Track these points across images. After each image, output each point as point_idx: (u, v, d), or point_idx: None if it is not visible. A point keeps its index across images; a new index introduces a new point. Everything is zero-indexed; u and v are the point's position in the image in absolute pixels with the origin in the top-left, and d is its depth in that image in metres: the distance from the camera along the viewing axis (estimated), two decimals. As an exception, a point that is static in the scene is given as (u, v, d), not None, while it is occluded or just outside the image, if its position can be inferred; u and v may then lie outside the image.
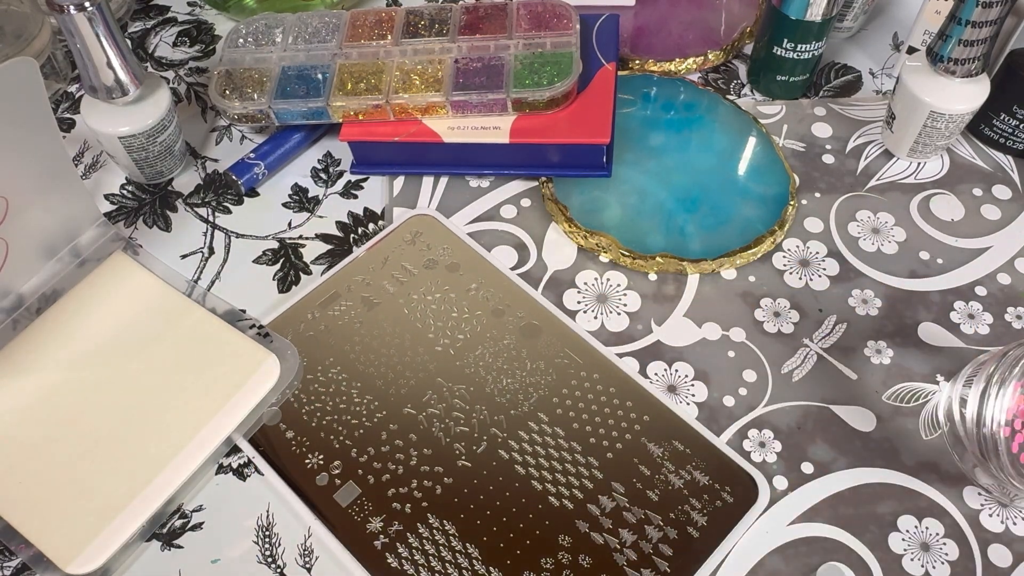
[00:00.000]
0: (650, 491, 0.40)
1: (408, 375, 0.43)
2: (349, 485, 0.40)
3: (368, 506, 0.40)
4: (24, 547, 0.38)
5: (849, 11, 0.58)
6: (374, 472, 0.40)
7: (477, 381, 0.43)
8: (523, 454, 0.41)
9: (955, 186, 0.52)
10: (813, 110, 0.56)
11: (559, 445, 0.41)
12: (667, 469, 0.41)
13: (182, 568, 0.38)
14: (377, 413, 0.42)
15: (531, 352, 0.44)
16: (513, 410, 0.42)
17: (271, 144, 0.51)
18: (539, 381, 0.43)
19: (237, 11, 0.60)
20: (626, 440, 0.41)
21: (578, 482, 0.40)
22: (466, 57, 0.50)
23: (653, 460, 0.41)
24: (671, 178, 0.50)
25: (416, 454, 0.41)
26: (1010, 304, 0.47)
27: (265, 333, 0.44)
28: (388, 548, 0.38)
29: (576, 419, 0.42)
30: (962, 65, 0.47)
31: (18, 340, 0.43)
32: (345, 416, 0.42)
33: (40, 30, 0.53)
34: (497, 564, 0.38)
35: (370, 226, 0.50)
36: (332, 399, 0.43)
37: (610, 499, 0.40)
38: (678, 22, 0.59)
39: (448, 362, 0.44)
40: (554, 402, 0.42)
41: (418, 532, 0.39)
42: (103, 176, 0.52)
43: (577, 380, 0.43)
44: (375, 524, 0.39)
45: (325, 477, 0.40)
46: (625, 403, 0.42)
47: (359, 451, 0.41)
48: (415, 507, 0.39)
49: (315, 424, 0.42)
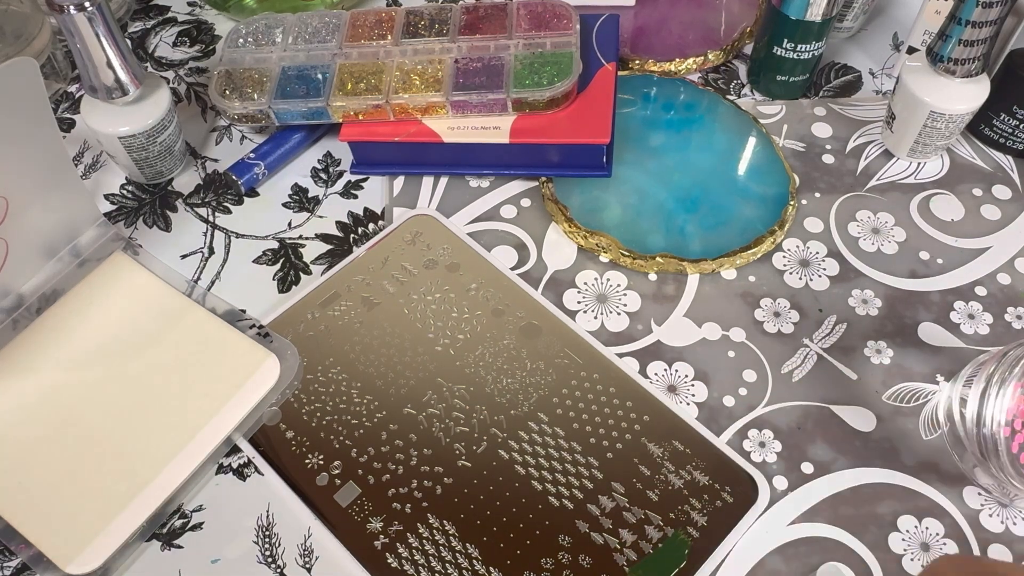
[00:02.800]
0: (650, 491, 0.40)
1: (408, 375, 0.43)
2: (349, 485, 0.40)
3: (368, 506, 0.40)
4: (24, 547, 0.38)
5: (849, 11, 0.58)
6: (374, 472, 0.40)
7: (477, 381, 0.43)
8: (523, 454, 0.41)
9: (955, 186, 0.52)
10: (813, 110, 0.56)
11: (559, 445, 0.41)
12: (667, 469, 0.41)
13: (182, 568, 0.38)
14: (377, 413, 0.42)
15: (531, 352, 0.44)
16: (513, 410, 0.42)
17: (271, 144, 0.51)
18: (539, 381, 0.43)
19: (237, 11, 0.60)
20: (626, 440, 0.41)
21: (578, 482, 0.40)
22: (466, 57, 0.50)
23: (653, 460, 0.41)
24: (671, 178, 0.50)
25: (416, 454, 0.41)
26: (1010, 304, 0.47)
27: (265, 333, 0.44)
28: (388, 548, 0.38)
29: (576, 419, 0.42)
30: (962, 65, 0.47)
31: (18, 340, 0.43)
32: (345, 416, 0.42)
33: (40, 30, 0.53)
34: (497, 564, 0.38)
35: (370, 226, 0.50)
36: (332, 399, 0.43)
37: (610, 499, 0.40)
38: (678, 22, 0.59)
39: (448, 362, 0.44)
40: (554, 402, 0.42)
41: (418, 532, 0.39)
42: (103, 176, 0.52)
43: (577, 380, 0.43)
44: (375, 524, 0.39)
45: (325, 477, 0.40)
46: (625, 403, 0.42)
47: (359, 451, 0.41)
48: (415, 507, 0.39)
49: (315, 424, 0.42)
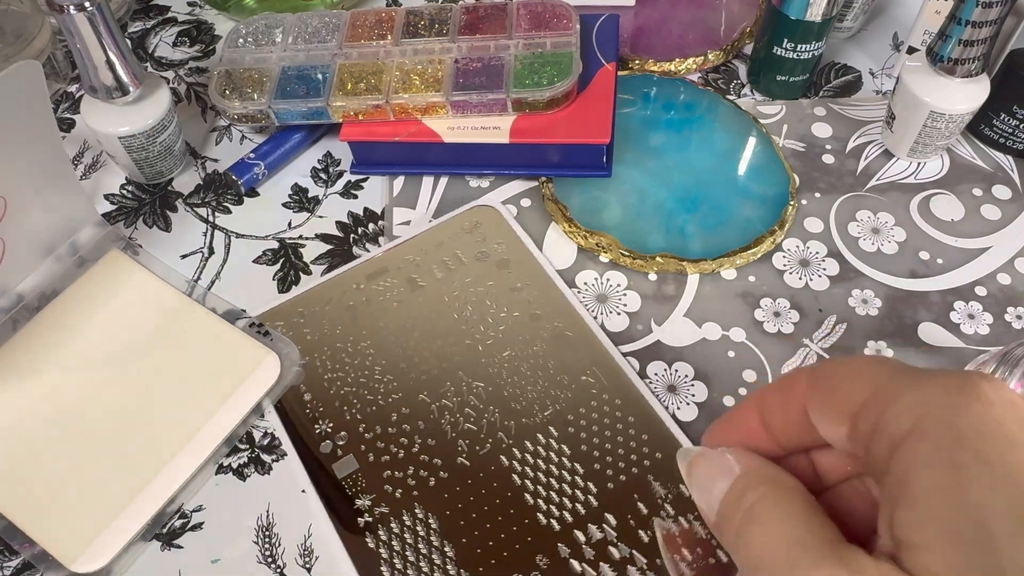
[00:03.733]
0: (643, 531, 0.38)
1: (432, 363, 0.43)
2: (349, 458, 0.40)
3: (362, 482, 0.40)
4: (27, 545, 0.38)
5: (849, 11, 0.58)
6: (376, 451, 0.41)
7: (497, 382, 0.43)
8: (524, 464, 0.40)
9: (955, 186, 0.52)
10: (813, 110, 0.56)
11: (562, 463, 0.40)
12: (666, 512, 0.39)
13: (182, 568, 0.38)
14: (393, 394, 0.42)
15: (558, 364, 0.43)
16: (525, 418, 0.41)
17: (271, 144, 0.51)
18: (558, 395, 0.42)
19: (237, 11, 0.60)
20: (631, 473, 0.40)
21: (571, 505, 0.39)
22: (466, 57, 0.50)
23: (654, 500, 0.39)
24: (671, 178, 0.50)
25: (420, 442, 0.41)
26: (1010, 304, 0.47)
27: (265, 331, 0.44)
28: (370, 528, 0.39)
29: (586, 441, 0.41)
30: (962, 65, 0.47)
31: (17, 338, 0.43)
32: (363, 391, 0.42)
33: (40, 30, 0.53)
34: (469, 569, 0.37)
35: (370, 226, 0.50)
36: (355, 371, 0.43)
37: (599, 530, 0.38)
38: (678, 22, 0.59)
39: (474, 357, 0.43)
40: (568, 419, 0.41)
41: (402, 519, 0.39)
42: (103, 176, 0.52)
43: (598, 402, 0.42)
44: (364, 501, 0.39)
45: (329, 445, 0.41)
46: (641, 435, 0.41)
47: (367, 427, 0.41)
48: (406, 494, 0.39)
49: (333, 392, 0.42)
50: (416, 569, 0.38)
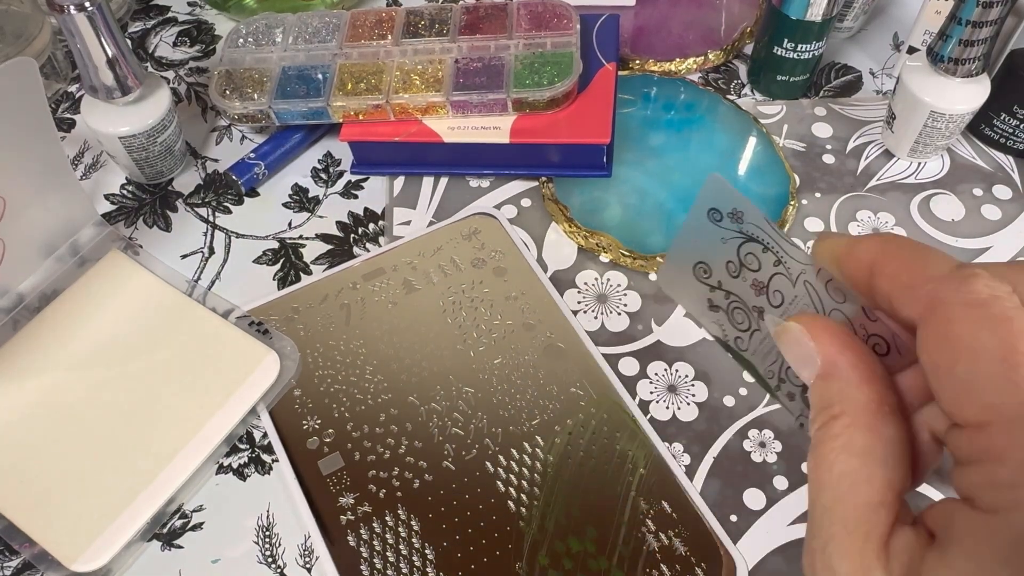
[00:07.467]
0: (623, 546, 0.38)
1: (423, 365, 0.43)
2: (335, 456, 0.40)
3: (346, 480, 0.40)
4: (28, 545, 0.38)
5: (849, 11, 0.58)
6: (362, 450, 0.41)
7: (487, 389, 0.43)
8: (508, 472, 0.40)
9: (955, 186, 0.52)
10: (813, 110, 0.56)
11: (546, 473, 0.40)
12: (647, 528, 0.39)
13: (182, 568, 0.38)
14: (383, 394, 0.42)
15: (548, 374, 0.43)
16: (512, 426, 0.42)
17: (271, 144, 0.51)
18: (547, 405, 0.42)
19: (237, 11, 0.60)
20: (614, 487, 0.40)
21: (553, 514, 0.39)
22: (466, 57, 0.50)
23: (636, 515, 0.39)
24: (671, 178, 0.50)
25: (406, 444, 0.41)
26: (1010, 304, 0.47)
27: (265, 330, 0.44)
28: (351, 526, 0.39)
29: (572, 453, 0.41)
30: (962, 65, 0.47)
31: (18, 338, 0.43)
32: (353, 389, 0.42)
33: (40, 30, 0.53)
34: (448, 573, 0.38)
35: (370, 226, 0.50)
36: (346, 369, 0.43)
37: (579, 542, 0.38)
38: (678, 22, 0.59)
39: (465, 363, 0.44)
40: (555, 429, 0.41)
41: (384, 519, 0.39)
42: (103, 176, 0.52)
43: (585, 415, 0.42)
44: (347, 500, 0.39)
45: (316, 442, 0.41)
46: (627, 451, 0.41)
47: (355, 426, 0.41)
48: (389, 494, 0.40)
49: (323, 389, 0.42)
50: (396, 570, 0.38)
